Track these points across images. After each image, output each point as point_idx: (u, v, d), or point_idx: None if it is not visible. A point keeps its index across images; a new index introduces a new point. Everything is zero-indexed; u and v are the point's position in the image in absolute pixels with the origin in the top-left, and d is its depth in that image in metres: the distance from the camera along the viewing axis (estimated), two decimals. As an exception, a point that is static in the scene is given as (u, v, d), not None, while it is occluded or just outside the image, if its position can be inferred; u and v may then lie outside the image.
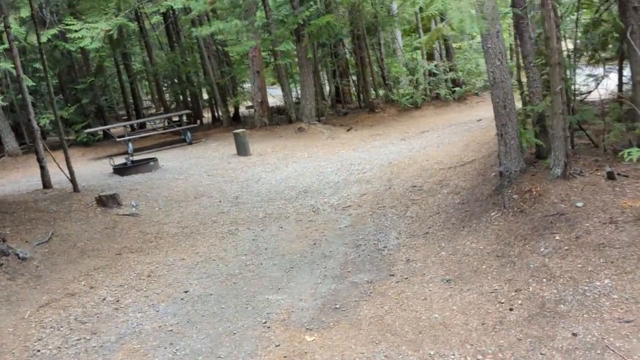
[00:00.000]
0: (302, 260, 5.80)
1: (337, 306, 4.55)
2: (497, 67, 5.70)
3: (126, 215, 8.09)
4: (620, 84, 8.45)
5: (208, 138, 16.48)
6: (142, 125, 20.08)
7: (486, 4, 5.06)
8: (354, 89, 22.12)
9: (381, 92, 18.82)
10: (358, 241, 6.15)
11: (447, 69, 17.91)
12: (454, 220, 6.13)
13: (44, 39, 13.02)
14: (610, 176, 5.38)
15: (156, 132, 17.17)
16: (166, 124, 19.22)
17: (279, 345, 4.01)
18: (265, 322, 4.43)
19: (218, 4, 14.50)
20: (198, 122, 20.63)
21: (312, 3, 15.68)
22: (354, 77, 21.30)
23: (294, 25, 13.99)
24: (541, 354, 3.34)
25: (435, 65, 17.64)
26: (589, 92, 8.40)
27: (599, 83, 8.77)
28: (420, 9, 16.29)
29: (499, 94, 5.79)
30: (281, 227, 7.10)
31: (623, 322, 3.40)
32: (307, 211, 7.67)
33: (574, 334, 3.43)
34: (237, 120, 19.68)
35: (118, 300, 5.27)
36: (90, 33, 14.08)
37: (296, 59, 16.49)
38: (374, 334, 3.96)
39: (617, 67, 8.98)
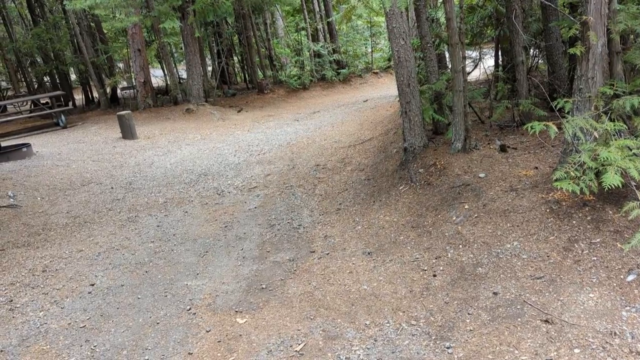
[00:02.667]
0: (216, 244, 5.61)
1: (263, 286, 4.47)
2: (402, 47, 5.91)
3: (3, 207, 7.20)
4: (497, 65, 9.24)
5: (85, 121, 15.19)
6: (3, 109, 17.91)
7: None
8: (239, 69, 21.73)
9: (268, 72, 18.68)
10: (271, 221, 6.09)
11: (332, 51, 18.25)
12: (363, 196, 6.31)
13: None
14: (503, 149, 5.87)
15: (22, 116, 15.41)
16: (32, 106, 17.33)
17: (209, 331, 3.85)
18: (190, 309, 4.23)
19: (92, -26, 13.26)
20: (70, 104, 18.90)
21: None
22: (239, 57, 20.92)
23: (178, 2, 13.28)
24: (468, 313, 3.58)
25: (322, 47, 17.89)
26: (469, 73, 9.11)
27: (476, 65, 9.55)
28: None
29: (403, 73, 6.01)
30: (186, 212, 6.79)
31: (535, 279, 3.75)
32: (211, 194, 7.42)
33: (495, 293, 3.72)
34: (115, 102, 18.36)
35: (12, 300, 4.70)
36: None
37: (179, 38, 15.73)
38: (307, 310, 3.96)
39: (492, 50, 9.83)
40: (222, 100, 16.76)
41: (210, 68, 20.57)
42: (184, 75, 17.01)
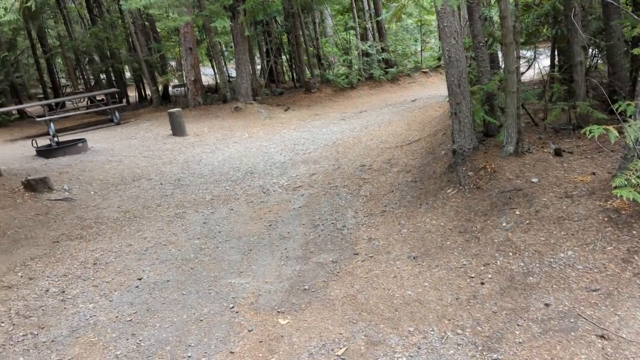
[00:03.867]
0: (260, 243, 5.63)
1: (306, 287, 4.45)
2: (453, 46, 5.75)
3: (59, 200, 7.50)
4: (553, 65, 8.89)
5: (137, 118, 15.66)
6: (61, 105, 18.70)
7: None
8: (287, 68, 21.87)
9: (316, 71, 18.70)
10: (315, 221, 6.06)
11: (380, 50, 18.08)
12: (409, 198, 6.19)
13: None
14: (558, 153, 5.63)
15: (79, 112, 16.06)
16: (89, 103, 18.02)
17: (251, 330, 3.86)
18: (233, 307, 4.25)
19: (147, -25, 13.64)
20: (124, 101, 19.54)
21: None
22: (287, 56, 21.05)
23: (229, 1, 13.47)
24: (518, 325, 3.43)
25: (370, 46, 17.75)
26: (522, 74, 8.80)
27: (530, 65, 9.20)
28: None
29: (454, 73, 5.86)
30: (232, 209, 6.87)
31: (590, 291, 3.56)
32: (256, 192, 7.47)
33: (547, 305, 3.55)
34: (166, 99, 18.85)
35: (64, 291, 4.87)
36: (3, 4, 12.83)
37: (229, 37, 15.97)
38: (350, 314, 3.91)
39: (547, 50, 9.46)
40: (270, 98, 16.90)
41: (259, 67, 20.81)
42: (234, 73, 17.26)
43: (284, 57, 21.26)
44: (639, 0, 6.88)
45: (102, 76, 21.72)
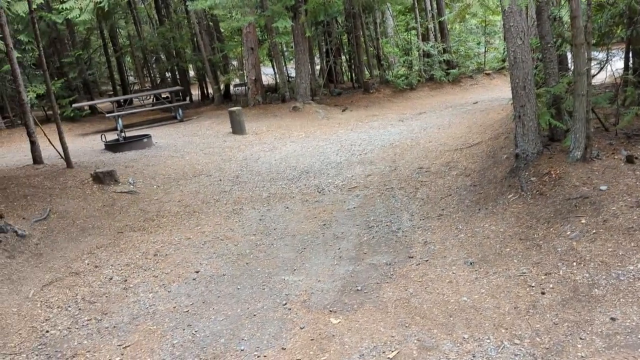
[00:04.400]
0: (314, 241, 5.66)
1: (359, 288, 4.43)
2: (519, 47, 5.56)
3: (124, 192, 7.84)
4: (627, 67, 8.41)
5: (200, 116, 16.14)
6: (129, 102, 19.57)
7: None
8: (346, 68, 21.88)
9: (375, 72, 18.60)
10: (369, 222, 6.03)
11: (442, 50, 17.75)
12: (467, 202, 6.04)
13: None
14: (630, 160, 5.31)
15: (145, 109, 16.73)
16: (154, 100, 18.75)
17: (303, 328, 3.88)
18: (286, 304, 4.29)
19: (212, -23, 14.02)
20: (187, 99, 20.19)
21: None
22: (347, 57, 21.05)
23: (290, 2, 13.63)
24: (581, 338, 3.27)
25: (432, 46, 17.46)
26: (594, 76, 8.38)
27: (602, 67, 8.75)
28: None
29: (519, 75, 5.66)
30: (287, 207, 6.94)
31: (662, 307, 3.34)
32: (312, 191, 7.51)
33: (612, 319, 3.36)
34: (228, 98, 19.32)
35: (126, 280, 5.09)
36: (78, 4, 13.58)
37: (290, 37, 16.17)
38: (402, 317, 3.85)
39: (621, 52, 8.96)
40: (328, 99, 16.96)
41: (318, 67, 20.93)
42: (293, 73, 17.45)
43: (343, 57, 21.28)
44: None
45: (168, 75, 22.53)
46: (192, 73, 23.80)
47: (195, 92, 22.26)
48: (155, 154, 10.49)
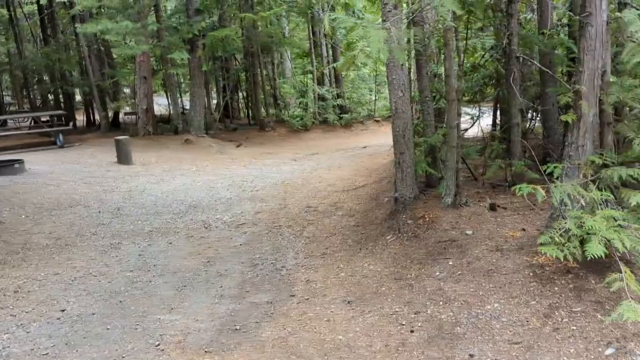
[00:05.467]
0: (195, 279, 5.51)
1: (237, 327, 4.36)
2: (400, 98, 5.99)
3: (-14, 222, 7.12)
4: (494, 124, 9.36)
5: (83, 143, 15.23)
6: (3, 123, 18.00)
7: (395, 37, 5.30)
8: (243, 105, 21.98)
9: (272, 111, 18.90)
10: (255, 260, 6.00)
11: (336, 95, 18.53)
12: (350, 242, 6.25)
13: None
14: (492, 207, 5.86)
15: (21, 132, 15.46)
16: (32, 123, 17.41)
17: (176, 370, 3.73)
18: (159, 345, 4.10)
19: (107, 1, 13.60)
20: (71, 124, 18.99)
21: (207, 15, 15.38)
22: (244, 93, 21.20)
23: (188, 35, 13.57)
24: (443, 374, 3.48)
25: (327, 90, 18.17)
26: (466, 130, 9.24)
27: (474, 122, 9.65)
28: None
29: (399, 124, 6.07)
30: (170, 243, 6.71)
31: (513, 344, 3.66)
32: (198, 227, 7.35)
33: (471, 355, 3.62)
34: (116, 126, 18.45)
35: (-22, 320, 4.57)
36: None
37: (186, 69, 16.00)
38: (279, 356, 3.85)
39: (491, 109, 9.97)
40: (223, 134, 16.88)
41: (214, 101, 20.82)
42: (188, 105, 17.18)
43: (241, 94, 21.41)
44: (571, 71, 7.41)
45: (50, 97, 21.12)
46: (78, 98, 22.54)
47: (81, 118, 21.03)
48: (27, 180, 9.68)
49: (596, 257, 3.80)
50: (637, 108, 4.32)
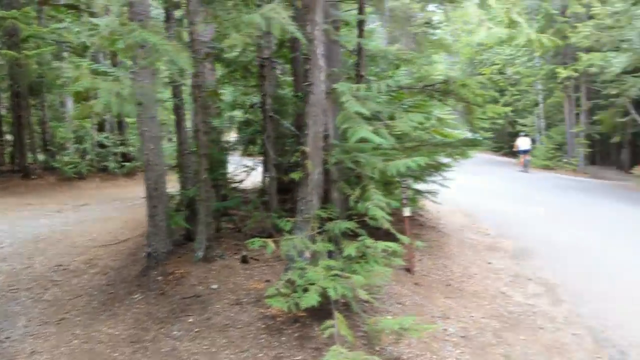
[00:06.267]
0: None
1: None
2: (151, 151, 5.86)
3: None
4: (264, 177, 9.80)
5: None
6: None
7: (142, 89, 5.22)
8: (9, 149, 19.42)
9: (41, 157, 17.04)
10: (-28, 332, 5.13)
11: (118, 143, 17.55)
12: (95, 304, 5.76)
13: None
14: (244, 260, 6.00)
15: None
16: None
17: None
18: None
19: None
20: None
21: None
22: (8, 137, 18.79)
23: None
24: None
25: (106, 137, 17.12)
26: (241, 181, 9.51)
27: (248, 174, 9.98)
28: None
29: (151, 176, 5.93)
30: None
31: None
32: None
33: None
34: None
35: None
36: None
37: None
38: None
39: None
40: (-24, 181, 14.59)
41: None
42: None
43: (6, 136, 18.89)
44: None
45: None
46: None
47: None
48: None
49: (315, 306, 4.08)
50: (355, 169, 4.90)
